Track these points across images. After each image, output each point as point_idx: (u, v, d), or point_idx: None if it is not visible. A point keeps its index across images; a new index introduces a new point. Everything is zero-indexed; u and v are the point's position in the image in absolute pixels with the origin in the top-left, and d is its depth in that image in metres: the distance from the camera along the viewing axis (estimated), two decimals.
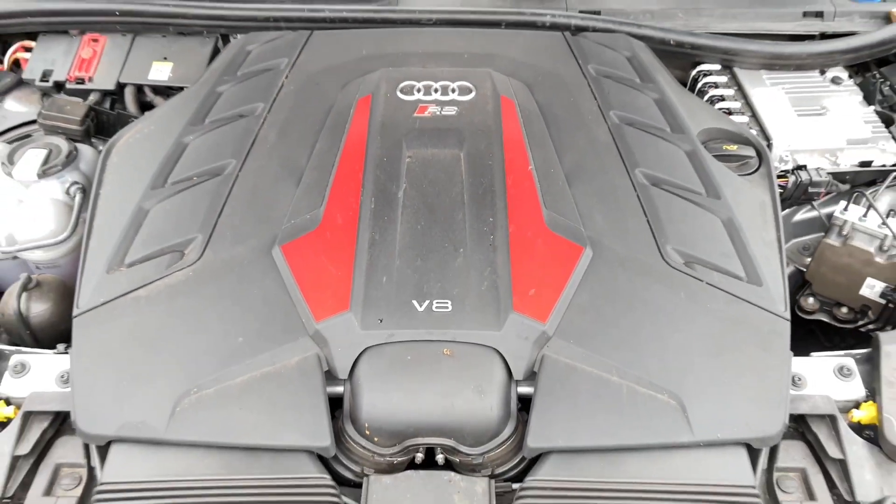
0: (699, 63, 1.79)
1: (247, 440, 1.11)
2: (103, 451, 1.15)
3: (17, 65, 1.85)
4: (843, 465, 1.16)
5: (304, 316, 1.18)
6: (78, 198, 1.48)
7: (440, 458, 1.15)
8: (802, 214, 1.65)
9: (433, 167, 1.37)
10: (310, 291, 1.20)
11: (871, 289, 1.47)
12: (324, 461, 1.13)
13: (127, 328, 1.21)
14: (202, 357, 1.17)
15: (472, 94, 1.51)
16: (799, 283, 1.63)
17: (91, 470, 1.17)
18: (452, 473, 1.13)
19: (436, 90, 1.52)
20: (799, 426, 1.23)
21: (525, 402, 1.16)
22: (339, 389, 1.16)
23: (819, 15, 1.84)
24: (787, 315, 1.24)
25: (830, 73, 1.76)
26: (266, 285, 1.23)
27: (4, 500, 1.12)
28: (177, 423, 1.11)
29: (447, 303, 1.18)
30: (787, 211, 1.65)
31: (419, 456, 1.15)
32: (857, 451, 1.16)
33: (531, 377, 1.16)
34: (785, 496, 1.15)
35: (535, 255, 1.25)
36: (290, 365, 1.15)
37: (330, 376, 1.15)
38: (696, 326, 1.21)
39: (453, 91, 1.52)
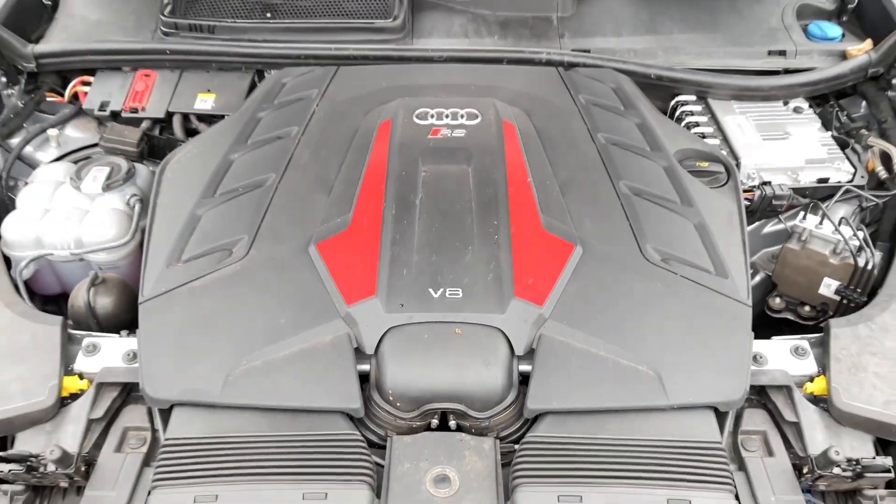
0: (677, 94, 1.99)
1: (289, 403, 1.29)
2: (165, 415, 1.33)
3: (75, 97, 2.07)
4: (797, 427, 1.33)
5: (336, 301, 1.37)
6: (137, 208, 1.68)
7: (452, 423, 1.32)
8: (771, 227, 1.84)
9: (445, 179, 1.57)
10: (341, 281, 1.39)
11: (828, 287, 1.66)
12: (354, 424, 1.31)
13: (185, 312, 1.40)
14: (250, 335, 1.35)
15: (479, 119, 1.72)
16: (769, 287, 1.82)
17: (154, 432, 1.34)
18: (464, 434, 1.30)
19: (447, 116, 1.72)
20: (761, 398, 1.40)
21: (525, 380, 1.34)
22: (366, 367, 1.34)
23: (782, 53, 2.05)
24: (749, 302, 1.42)
25: (793, 104, 1.97)
26: (304, 276, 1.42)
27: (82, 455, 1.29)
28: (229, 389, 1.30)
29: (458, 290, 1.37)
30: (756, 224, 1.84)
31: (434, 421, 1.33)
32: (809, 416, 1.34)
33: (530, 353, 1.34)
34: (748, 453, 1.32)
35: (533, 251, 1.44)
36: (325, 342, 1.33)
37: (358, 352, 1.34)
38: (671, 311, 1.40)
39: (462, 117, 1.72)
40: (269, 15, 2.07)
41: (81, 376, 1.39)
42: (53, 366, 1.36)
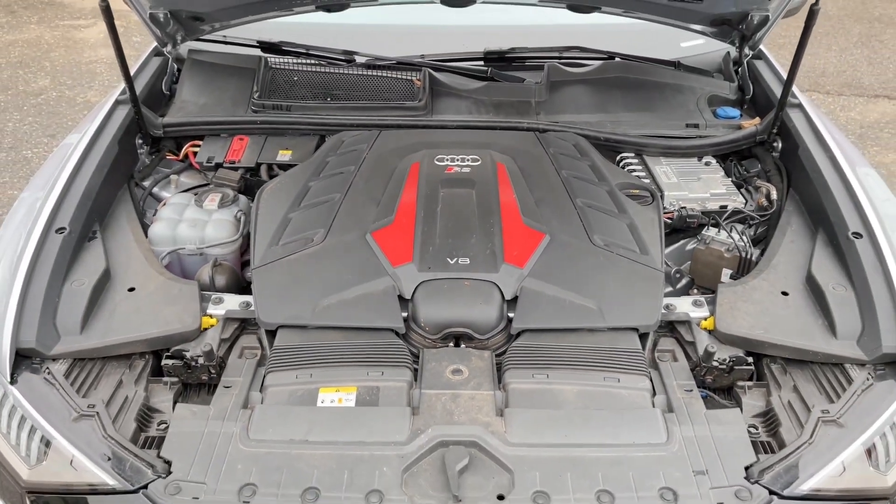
0: (621, 152, 2.65)
1: (356, 323, 1.87)
2: (271, 337, 1.92)
3: (186, 157, 2.76)
4: (693, 345, 1.92)
5: (385, 265, 1.97)
6: (242, 219, 2.34)
7: (462, 345, 1.93)
8: (692, 245, 2.49)
9: (457, 197, 2.21)
10: (388, 253, 2.00)
11: (726, 276, 2.26)
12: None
13: (284, 273, 2.00)
14: (328, 285, 1.95)
15: (479, 162, 2.38)
16: (690, 285, 2.43)
17: (262, 350, 1.92)
18: (471, 349, 1.90)
19: (457, 160, 2.37)
20: (671, 331, 2.00)
21: (510, 321, 1.94)
22: (404, 314, 1.94)
23: (696, 125, 2.68)
24: (662, 269, 2.04)
25: (704, 160, 2.64)
26: (363, 252, 2.03)
27: (218, 357, 1.88)
28: (317, 315, 1.88)
29: (467, 259, 1.98)
30: (682, 242, 2.49)
31: (451, 345, 1.93)
32: (701, 337, 1.91)
33: (514, 300, 1.95)
34: (661, 362, 1.91)
35: (516, 237, 2.06)
36: (379, 290, 1.93)
37: (400, 298, 1.95)
38: (610, 272, 2.00)
39: (468, 160, 2.37)
40: (329, 98, 2.81)
41: (211, 317, 2.00)
42: (196, 307, 1.95)
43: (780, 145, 2.63)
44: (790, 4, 2.50)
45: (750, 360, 1.85)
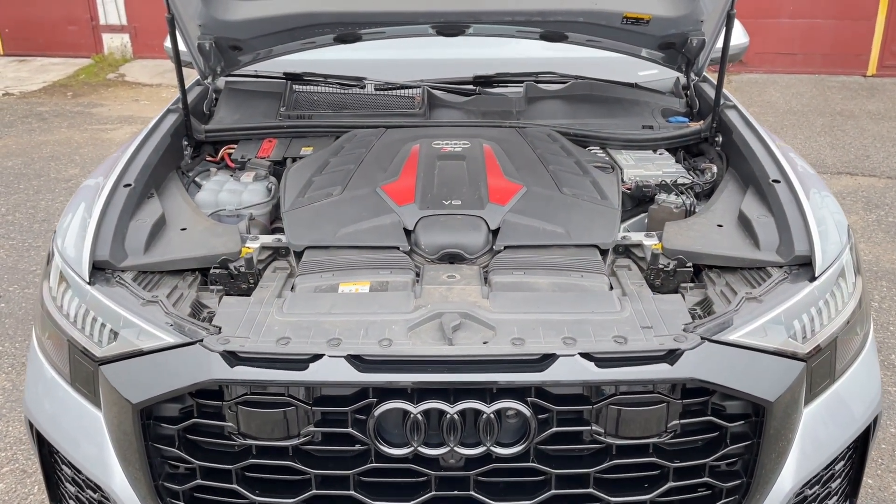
0: (588, 146, 3.16)
1: (369, 243, 2.28)
2: (298, 257, 2.33)
3: (222, 158, 3.24)
4: (644, 260, 2.33)
5: (392, 206, 2.42)
6: (273, 189, 2.78)
7: (455, 264, 2.32)
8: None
9: (451, 165, 2.68)
10: (395, 197, 2.44)
11: None
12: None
13: (309, 213, 2.44)
14: (346, 220, 2.38)
15: (469, 145, 2.85)
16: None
17: (292, 269, 2.33)
18: (462, 265, 2.30)
19: (451, 143, 2.87)
20: (627, 253, 2.41)
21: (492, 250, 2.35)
22: (408, 247, 2.35)
23: (651, 127, 3.23)
24: (618, 209, 2.48)
25: (658, 152, 3.14)
26: (374, 199, 2.47)
27: (256, 268, 2.27)
28: (337, 239, 2.30)
29: (459, 201, 2.43)
30: (641, 216, 2.91)
31: (447, 265, 2.32)
32: (651, 253, 2.33)
33: (497, 231, 2.37)
34: (619, 270, 2.30)
35: (499, 187, 2.51)
36: (387, 222, 2.36)
37: (405, 230, 2.37)
38: (575, 211, 2.44)
39: (459, 143, 2.86)
40: (342, 110, 3.33)
41: (249, 248, 2.40)
42: (237, 237, 2.34)
43: (720, 139, 3.11)
44: (730, 48, 2.99)
45: (690, 264, 2.24)
